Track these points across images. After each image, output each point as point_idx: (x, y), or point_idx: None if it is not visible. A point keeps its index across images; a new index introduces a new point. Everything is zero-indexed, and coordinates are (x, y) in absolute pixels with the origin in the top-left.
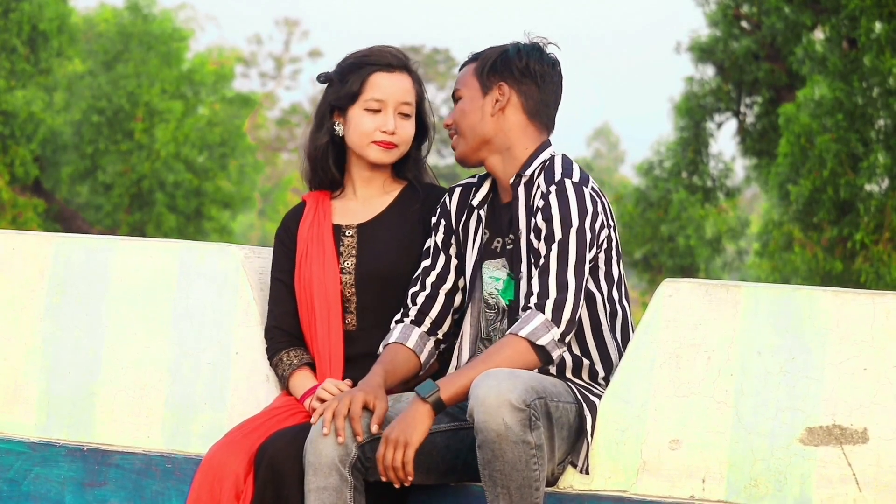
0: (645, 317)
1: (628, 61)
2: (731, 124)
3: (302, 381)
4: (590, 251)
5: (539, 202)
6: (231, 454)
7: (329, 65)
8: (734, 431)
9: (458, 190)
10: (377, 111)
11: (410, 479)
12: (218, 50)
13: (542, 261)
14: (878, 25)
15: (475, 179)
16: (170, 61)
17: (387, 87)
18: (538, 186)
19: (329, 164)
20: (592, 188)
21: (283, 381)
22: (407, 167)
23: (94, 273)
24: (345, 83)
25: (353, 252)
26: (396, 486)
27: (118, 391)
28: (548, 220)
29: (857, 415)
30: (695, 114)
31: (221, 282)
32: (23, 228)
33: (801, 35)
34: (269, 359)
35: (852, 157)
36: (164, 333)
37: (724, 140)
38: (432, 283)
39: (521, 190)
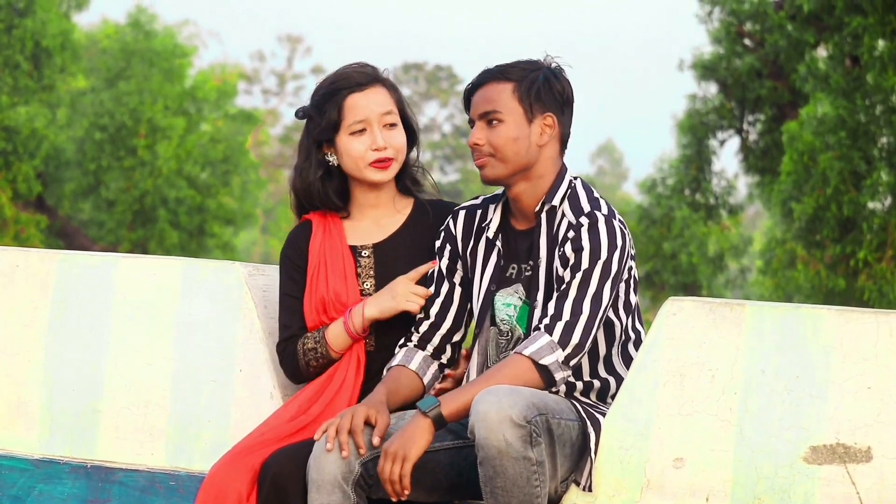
0: (648, 335)
1: (631, 78)
2: (734, 142)
3: (337, 322)
4: (613, 285)
5: (568, 233)
6: (234, 471)
7: None
8: (738, 450)
9: (462, 213)
10: (362, 131)
11: (407, 492)
12: (221, 66)
13: (563, 286)
14: (880, 43)
15: (478, 201)
16: (172, 78)
17: (363, 105)
18: (563, 215)
19: (329, 196)
20: (620, 220)
21: (322, 345)
22: (408, 175)
23: (97, 290)
24: (323, 115)
25: (372, 273)
26: (394, 499)
27: (121, 408)
28: (578, 250)
29: (861, 433)
30: (697, 131)
31: (224, 299)
32: (25, 244)
33: (804, 53)
34: (289, 356)
35: (855, 175)
36: (167, 350)
37: (727, 157)
38: (436, 313)
39: (543, 217)
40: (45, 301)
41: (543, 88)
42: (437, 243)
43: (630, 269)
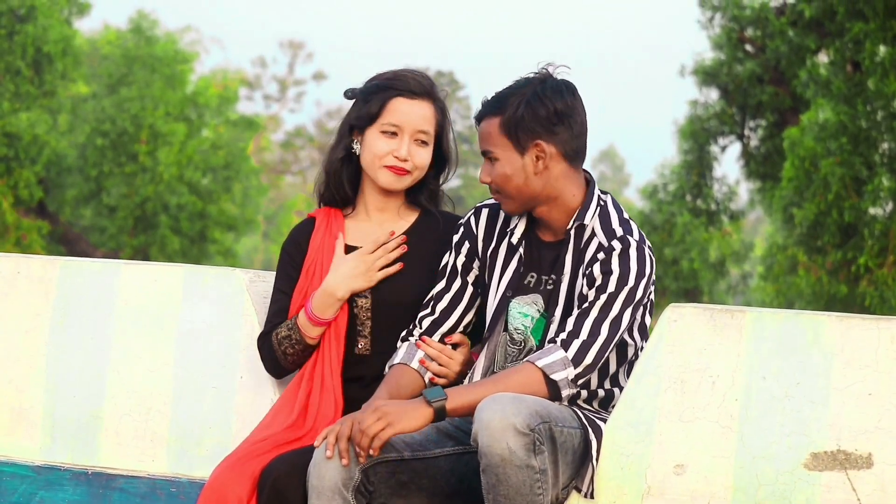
0: (649, 342)
1: (633, 84)
2: (736, 147)
3: (318, 291)
4: (633, 311)
5: (598, 254)
6: (234, 478)
7: (332, 88)
8: (739, 456)
9: (485, 212)
10: (393, 135)
11: (374, 454)
12: (222, 72)
13: (586, 304)
14: (882, 49)
15: None
16: (174, 84)
17: (405, 112)
18: (593, 234)
19: (342, 181)
20: (649, 247)
21: (295, 331)
22: (423, 196)
23: (99, 296)
24: (366, 103)
25: None
26: (357, 449)
27: (123, 414)
28: (606, 273)
29: (862, 440)
30: (699, 137)
31: (226, 305)
32: (27, 250)
33: (806, 58)
34: (266, 348)
35: (856, 181)
36: (168, 357)
37: (729, 163)
38: (442, 309)
39: (572, 233)
40: (46, 307)
41: (527, 115)
42: (455, 238)
43: (650, 293)
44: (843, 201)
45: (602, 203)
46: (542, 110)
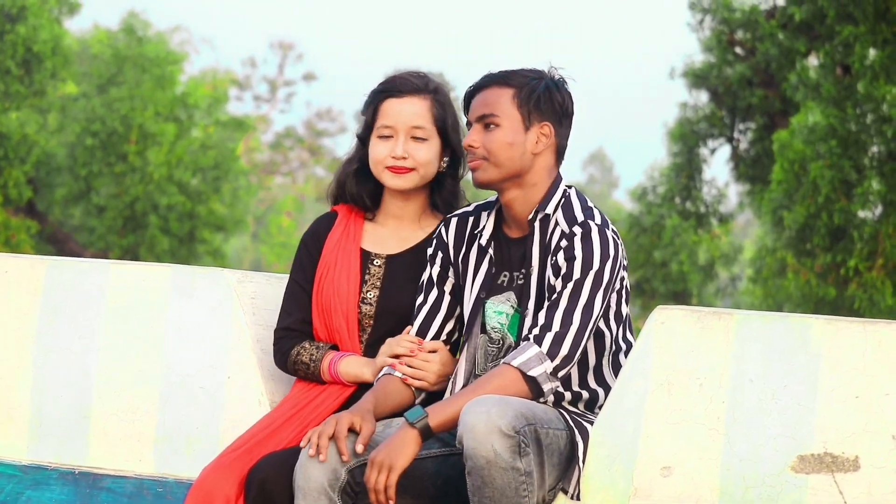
0: (637, 344)
1: (623, 86)
2: (725, 150)
3: (355, 359)
4: (604, 295)
5: (561, 241)
6: (222, 477)
7: (322, 89)
8: (726, 459)
9: (454, 220)
10: (388, 137)
11: (392, 502)
12: (212, 72)
13: (554, 296)
14: (871, 52)
15: (471, 208)
16: (163, 84)
17: (395, 112)
18: (556, 224)
19: (361, 193)
20: (613, 230)
21: (316, 367)
22: (441, 195)
23: (87, 296)
24: (365, 114)
25: (378, 283)
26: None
27: (110, 414)
28: (570, 259)
29: (849, 443)
30: (688, 139)
31: (214, 306)
32: (16, 250)
33: (795, 61)
34: (281, 352)
35: (846, 184)
36: (156, 357)
37: (718, 166)
38: (421, 320)
39: (536, 226)
40: (34, 307)
41: (543, 97)
42: (429, 250)
43: (622, 279)
44: (832, 204)
45: (566, 195)
46: (558, 98)
